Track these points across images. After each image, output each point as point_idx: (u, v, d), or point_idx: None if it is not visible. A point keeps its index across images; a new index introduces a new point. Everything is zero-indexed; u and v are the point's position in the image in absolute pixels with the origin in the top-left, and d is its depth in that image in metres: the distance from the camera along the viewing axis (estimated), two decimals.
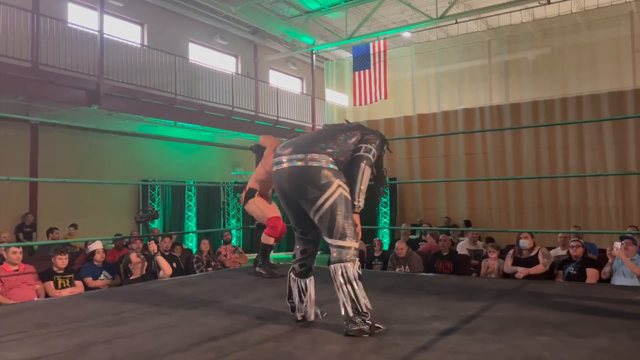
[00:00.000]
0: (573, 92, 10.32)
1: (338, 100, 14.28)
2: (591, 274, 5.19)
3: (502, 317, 2.58)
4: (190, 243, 11.22)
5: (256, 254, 4.24)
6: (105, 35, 9.76)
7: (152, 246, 5.01)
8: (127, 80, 10.11)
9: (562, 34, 10.95)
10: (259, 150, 4.61)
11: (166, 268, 4.83)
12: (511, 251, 5.80)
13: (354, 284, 2.24)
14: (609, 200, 9.86)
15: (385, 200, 12.12)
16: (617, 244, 5.14)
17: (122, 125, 10.76)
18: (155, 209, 5.44)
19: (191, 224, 11.80)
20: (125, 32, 11.36)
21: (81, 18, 10.42)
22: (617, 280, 5.09)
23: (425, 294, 3.31)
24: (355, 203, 2.35)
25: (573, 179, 10.17)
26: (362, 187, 2.36)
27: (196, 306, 2.99)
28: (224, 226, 12.48)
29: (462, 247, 7.06)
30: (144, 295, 3.45)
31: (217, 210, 12.81)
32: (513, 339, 2.18)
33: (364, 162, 2.37)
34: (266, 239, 4.06)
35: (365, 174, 2.37)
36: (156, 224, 11.22)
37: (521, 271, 5.49)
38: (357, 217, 2.40)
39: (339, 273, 2.25)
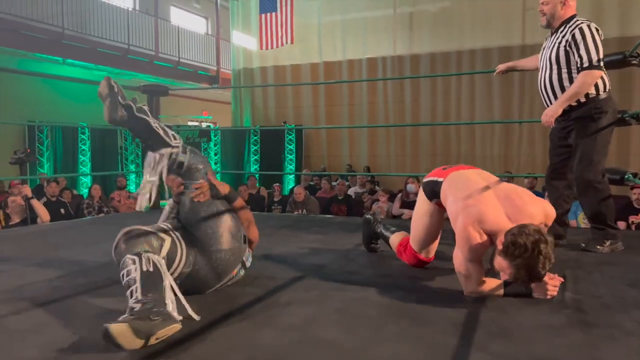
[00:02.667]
0: (468, 46, 10.85)
1: (245, 43, 13.89)
2: None
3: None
4: (86, 189, 10.67)
5: None
6: None
7: (26, 190, 4.72)
8: (7, 10, 9.08)
9: None
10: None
11: (43, 214, 4.59)
12: (399, 195, 6.19)
13: None
14: (494, 148, 10.72)
15: (291, 147, 12.25)
16: None
17: (1, 60, 9.74)
18: (29, 151, 5.06)
19: (85, 168, 11.17)
20: None
21: None
22: None
23: (310, 232, 3.48)
24: None
25: (464, 129, 10.89)
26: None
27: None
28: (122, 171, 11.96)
29: (352, 191, 7.41)
30: (12, 239, 3.31)
31: (114, 156, 12.20)
32: (378, 268, 2.40)
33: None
34: None
35: None
36: (45, 169, 10.53)
37: (407, 213, 5.90)
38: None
39: None
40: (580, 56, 2.55)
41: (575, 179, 2.75)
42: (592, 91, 2.60)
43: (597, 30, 2.59)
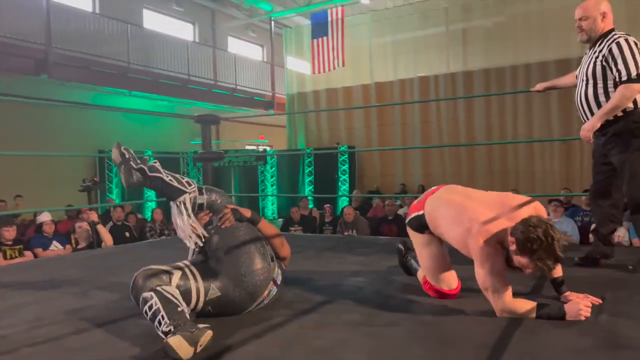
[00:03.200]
0: (523, 60, 10.60)
1: (298, 67, 14.26)
2: None
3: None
4: (150, 213, 11.25)
5: None
6: (54, 2, 9.49)
7: (92, 216, 5.09)
8: (78, 48, 9.87)
9: (516, 1, 11.11)
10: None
11: (107, 238, 4.93)
12: None
13: None
14: (554, 164, 10.34)
15: (344, 168, 12.39)
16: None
17: (75, 95, 10.56)
18: (95, 179, 5.47)
19: (150, 193, 11.78)
20: None
21: None
22: None
23: (354, 254, 3.53)
24: None
25: (521, 146, 10.59)
26: None
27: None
28: None
29: (402, 212, 7.38)
30: (77, 263, 3.59)
31: None
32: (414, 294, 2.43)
33: None
34: None
35: None
36: (114, 195, 11.21)
37: None
38: None
39: None
40: (618, 70, 2.50)
41: (627, 199, 2.67)
42: (630, 105, 2.54)
43: (636, 43, 2.54)
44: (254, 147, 15.46)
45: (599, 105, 2.60)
